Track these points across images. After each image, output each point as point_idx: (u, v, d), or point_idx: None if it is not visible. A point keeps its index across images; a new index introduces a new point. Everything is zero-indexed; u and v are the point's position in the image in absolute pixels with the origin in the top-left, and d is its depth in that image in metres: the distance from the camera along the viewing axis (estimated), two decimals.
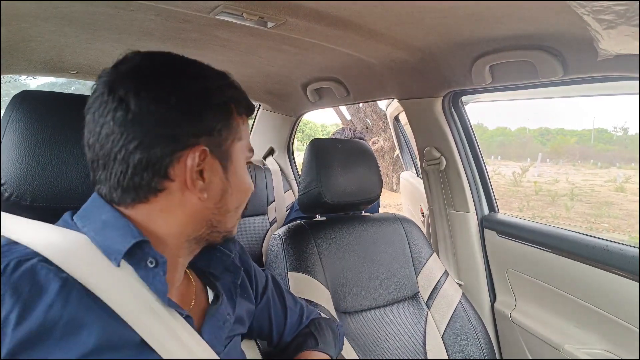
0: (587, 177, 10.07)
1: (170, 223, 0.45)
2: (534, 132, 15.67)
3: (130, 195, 0.43)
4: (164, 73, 0.44)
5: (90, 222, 0.44)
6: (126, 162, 0.42)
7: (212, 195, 0.46)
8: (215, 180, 0.46)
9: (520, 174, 9.58)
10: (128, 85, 0.42)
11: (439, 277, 1.06)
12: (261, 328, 0.67)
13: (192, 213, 0.46)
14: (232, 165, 0.48)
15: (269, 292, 0.68)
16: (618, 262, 0.86)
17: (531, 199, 7.93)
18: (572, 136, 14.52)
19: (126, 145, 0.42)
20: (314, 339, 0.68)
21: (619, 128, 13.71)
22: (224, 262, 0.57)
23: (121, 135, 0.42)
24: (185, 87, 0.44)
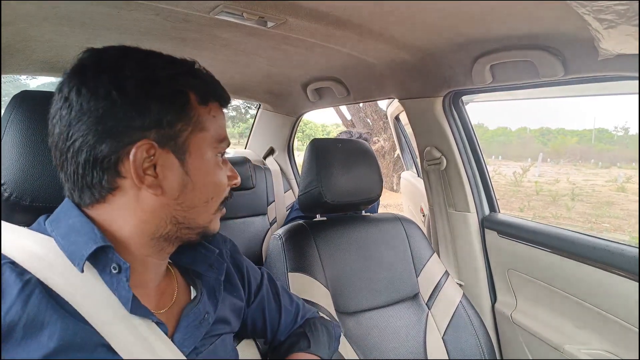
0: (588, 177, 10.06)
1: (130, 222, 0.44)
2: (534, 132, 15.66)
3: (87, 195, 0.43)
4: (106, 68, 0.42)
5: (58, 227, 0.44)
6: (76, 162, 0.42)
7: (169, 190, 0.44)
8: (171, 175, 0.44)
9: (521, 174, 9.57)
10: (71, 84, 0.42)
11: (440, 277, 1.06)
12: (255, 326, 0.66)
13: (151, 210, 0.44)
14: (192, 158, 0.45)
15: (264, 290, 0.67)
16: (619, 262, 0.85)
17: (532, 199, 7.92)
18: (573, 136, 14.51)
19: (73, 144, 0.41)
20: (307, 340, 0.67)
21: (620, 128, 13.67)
22: (208, 259, 0.55)
23: (67, 135, 0.41)
24: (127, 80, 0.42)
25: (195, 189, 0.46)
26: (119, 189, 0.43)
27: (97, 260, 0.42)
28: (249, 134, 2.34)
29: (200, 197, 0.47)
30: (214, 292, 0.55)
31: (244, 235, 1.78)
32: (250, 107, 13.40)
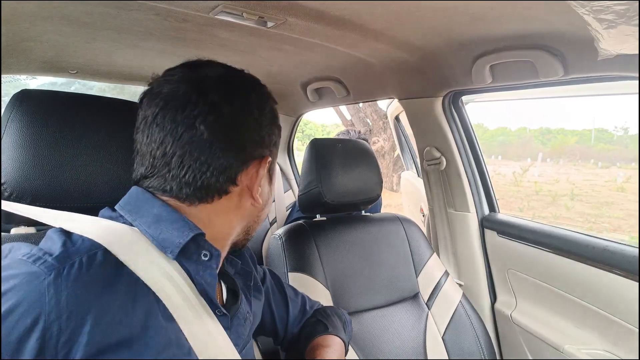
0: (588, 176, 10.06)
1: (226, 224, 0.48)
2: (534, 132, 15.67)
3: (201, 194, 0.45)
4: (248, 87, 0.49)
5: (141, 216, 0.44)
6: (208, 163, 0.44)
7: (262, 202, 0.51)
8: (265, 189, 0.51)
9: (521, 174, 9.58)
10: (220, 92, 0.44)
11: (439, 277, 1.06)
12: (264, 323, 0.67)
13: (243, 217, 0.50)
14: (273, 176, 0.53)
15: (267, 285, 0.68)
16: (618, 262, 0.86)
17: (531, 199, 7.93)
18: (573, 136, 14.51)
19: (212, 148, 0.43)
20: (323, 325, 0.68)
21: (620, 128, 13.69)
22: (234, 266, 0.57)
23: (209, 138, 0.43)
24: (264, 103, 0.49)
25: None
26: (228, 195, 0.46)
27: (184, 248, 0.43)
28: None
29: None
30: (247, 294, 0.57)
31: None
32: None
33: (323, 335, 0.66)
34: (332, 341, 0.65)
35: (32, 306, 0.33)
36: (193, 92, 0.43)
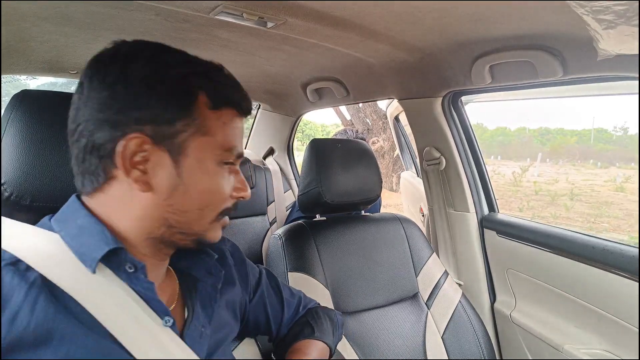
0: (587, 176, 10.07)
1: (127, 216, 0.44)
2: (533, 132, 15.68)
3: (87, 181, 0.44)
4: (120, 59, 0.43)
5: (67, 227, 0.44)
6: (78, 146, 0.43)
7: (158, 189, 0.43)
8: (162, 173, 0.43)
9: (520, 174, 9.59)
10: (87, 72, 0.43)
11: (439, 277, 1.06)
12: (258, 322, 0.66)
13: (144, 207, 0.44)
14: (188, 161, 0.43)
15: (263, 285, 0.67)
16: (618, 262, 0.86)
17: (531, 199, 7.93)
18: (572, 136, 14.53)
19: (77, 128, 0.43)
20: (310, 327, 0.67)
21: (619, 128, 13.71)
22: (206, 264, 0.54)
23: (74, 118, 0.43)
24: (134, 72, 0.42)
25: (187, 193, 0.44)
26: (114, 179, 0.43)
27: (109, 260, 0.42)
28: (248, 134, 2.34)
29: (193, 203, 0.44)
30: (210, 300, 0.53)
31: (244, 235, 1.78)
32: None
33: (307, 339, 0.65)
34: (314, 347, 0.64)
35: None
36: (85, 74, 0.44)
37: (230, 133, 0.46)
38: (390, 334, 0.95)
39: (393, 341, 0.94)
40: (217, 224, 0.48)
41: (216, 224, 0.48)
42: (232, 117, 0.47)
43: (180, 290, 0.52)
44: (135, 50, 0.44)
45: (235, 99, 0.47)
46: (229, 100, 0.46)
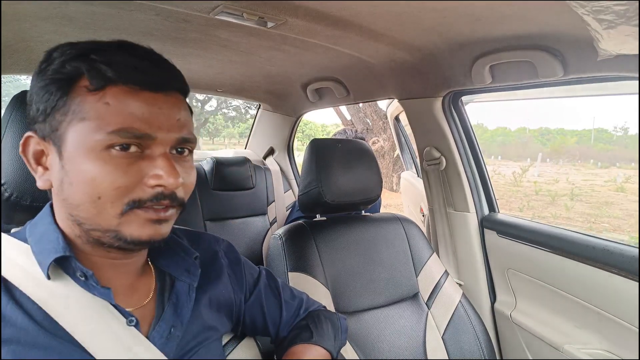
0: (587, 177, 10.07)
1: (57, 215, 0.45)
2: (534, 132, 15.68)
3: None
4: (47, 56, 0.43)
5: (34, 233, 0.45)
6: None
7: (55, 185, 0.42)
8: (54, 168, 0.42)
9: (520, 174, 9.59)
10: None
11: (439, 277, 1.06)
12: (254, 323, 0.64)
13: (57, 207, 0.44)
14: (68, 150, 0.40)
15: (261, 285, 0.65)
16: (618, 262, 0.86)
17: (531, 199, 7.94)
18: (572, 136, 14.53)
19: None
20: (309, 331, 0.64)
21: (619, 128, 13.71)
22: (186, 263, 0.53)
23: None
24: (33, 77, 0.43)
25: (72, 185, 0.40)
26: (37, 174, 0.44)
27: (64, 266, 0.43)
28: (249, 134, 2.35)
29: (81, 196, 0.40)
30: (185, 300, 0.51)
31: (244, 235, 1.78)
32: (250, 107, 13.41)
33: (304, 343, 0.62)
34: (310, 352, 0.61)
35: None
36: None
37: (118, 112, 0.40)
38: (390, 334, 0.95)
39: (393, 341, 0.94)
40: (133, 217, 0.41)
41: (130, 217, 0.41)
42: (124, 95, 0.40)
43: (156, 288, 0.51)
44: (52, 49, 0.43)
45: (126, 74, 0.40)
46: (117, 76, 0.40)
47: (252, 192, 1.85)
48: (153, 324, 0.48)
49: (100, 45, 0.42)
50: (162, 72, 0.43)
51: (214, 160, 1.76)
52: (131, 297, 0.47)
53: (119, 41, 0.43)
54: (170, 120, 0.42)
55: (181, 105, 0.45)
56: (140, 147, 0.41)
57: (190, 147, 0.46)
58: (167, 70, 0.44)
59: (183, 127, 0.44)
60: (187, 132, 0.45)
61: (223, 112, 15.42)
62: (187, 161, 0.46)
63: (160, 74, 0.43)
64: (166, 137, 0.42)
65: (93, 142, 0.39)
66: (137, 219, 0.42)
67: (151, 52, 0.43)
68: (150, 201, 0.41)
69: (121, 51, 0.41)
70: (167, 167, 0.41)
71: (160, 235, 0.44)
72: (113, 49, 0.42)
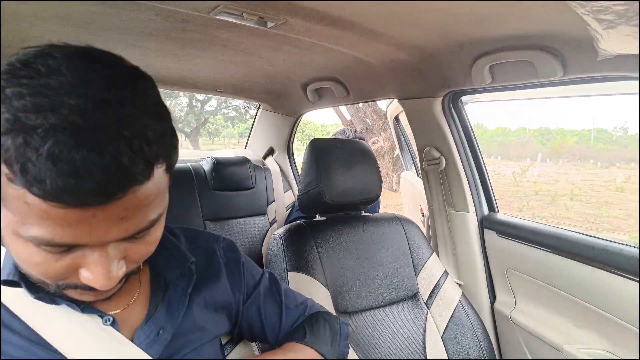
0: (587, 177, 10.07)
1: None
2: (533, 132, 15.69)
3: None
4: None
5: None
6: None
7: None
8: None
9: (520, 174, 9.59)
10: None
11: (439, 277, 1.06)
12: (252, 328, 0.62)
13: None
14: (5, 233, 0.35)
15: (260, 289, 0.63)
16: (618, 262, 0.86)
17: (531, 199, 7.94)
18: (572, 136, 14.54)
19: None
20: (303, 331, 0.62)
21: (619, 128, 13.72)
22: (182, 267, 0.52)
23: None
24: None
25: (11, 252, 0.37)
26: None
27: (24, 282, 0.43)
28: (248, 134, 2.35)
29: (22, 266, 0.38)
30: (178, 303, 0.50)
31: (244, 235, 1.78)
32: (250, 107, 13.40)
33: (295, 342, 0.60)
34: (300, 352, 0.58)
35: None
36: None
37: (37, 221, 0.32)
38: (390, 334, 0.95)
39: (393, 341, 0.94)
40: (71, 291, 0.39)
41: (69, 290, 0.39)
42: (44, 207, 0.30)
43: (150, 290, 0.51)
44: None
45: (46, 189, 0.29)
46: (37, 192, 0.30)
47: (252, 192, 1.85)
48: (141, 325, 0.48)
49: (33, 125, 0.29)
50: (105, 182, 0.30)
51: (213, 160, 1.76)
52: (110, 302, 0.46)
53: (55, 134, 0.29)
54: (109, 226, 0.33)
55: (136, 200, 0.34)
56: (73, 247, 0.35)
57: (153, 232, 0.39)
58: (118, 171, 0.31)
59: (132, 223, 0.35)
60: (138, 225, 0.36)
61: (223, 112, 15.42)
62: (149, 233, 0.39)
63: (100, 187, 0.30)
64: (103, 241, 0.34)
65: (17, 230, 0.33)
66: (76, 293, 0.40)
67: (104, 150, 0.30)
68: (85, 287, 0.38)
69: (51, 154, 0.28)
70: (100, 275, 0.35)
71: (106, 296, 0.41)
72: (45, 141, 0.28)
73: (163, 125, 0.35)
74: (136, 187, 0.33)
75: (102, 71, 0.33)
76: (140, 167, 0.32)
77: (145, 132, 0.32)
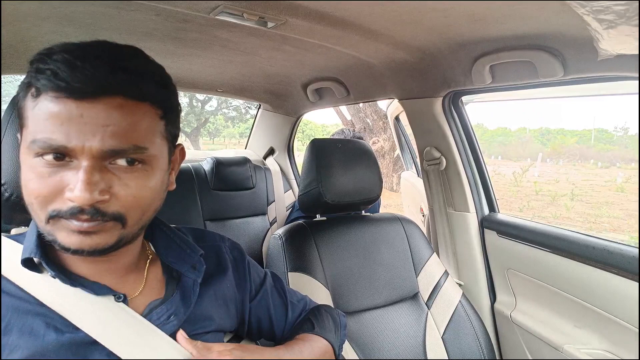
0: (588, 177, 10.06)
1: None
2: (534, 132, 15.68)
3: None
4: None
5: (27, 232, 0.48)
6: None
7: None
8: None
9: (521, 174, 9.59)
10: None
11: (439, 277, 1.06)
12: (260, 324, 0.65)
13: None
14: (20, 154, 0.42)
15: (267, 287, 0.66)
16: (618, 262, 0.86)
17: (531, 199, 7.93)
18: (573, 136, 14.53)
19: None
20: (310, 323, 0.65)
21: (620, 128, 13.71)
22: (192, 259, 0.55)
23: None
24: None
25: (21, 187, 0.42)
26: None
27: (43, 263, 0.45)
28: (249, 134, 2.35)
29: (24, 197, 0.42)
30: (190, 294, 0.53)
31: (244, 235, 1.78)
32: (250, 107, 13.40)
33: (307, 333, 0.63)
34: (314, 341, 0.62)
35: None
36: None
37: (41, 122, 0.39)
38: (390, 334, 0.95)
39: (393, 341, 0.94)
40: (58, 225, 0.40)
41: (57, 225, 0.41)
42: (48, 103, 0.39)
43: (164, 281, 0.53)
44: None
45: (52, 81, 0.38)
46: (43, 85, 0.38)
47: (252, 192, 1.85)
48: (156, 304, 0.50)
49: (52, 50, 0.40)
50: (94, 76, 0.38)
51: (214, 160, 1.76)
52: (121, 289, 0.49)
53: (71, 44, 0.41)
54: (94, 129, 0.38)
55: (120, 112, 0.39)
56: (68, 157, 0.39)
57: (138, 158, 0.41)
58: (105, 73, 0.38)
59: (114, 135, 0.39)
60: (120, 142, 0.39)
61: (223, 112, 15.42)
62: (134, 172, 0.41)
63: (89, 79, 0.38)
64: (86, 149, 0.38)
65: (27, 149, 0.40)
66: (62, 228, 0.41)
67: (95, 54, 0.40)
68: (67, 214, 0.39)
69: (59, 56, 0.39)
70: (80, 182, 0.38)
71: (90, 246, 0.41)
72: (56, 53, 0.39)
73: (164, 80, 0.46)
74: (121, 97, 0.39)
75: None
76: (128, 82, 0.40)
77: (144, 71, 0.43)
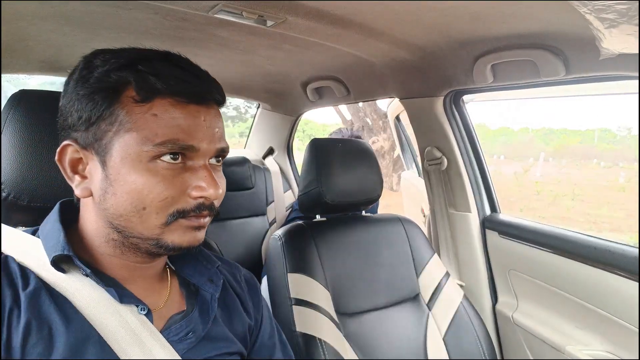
0: (591, 176, 10.04)
1: (87, 218, 0.46)
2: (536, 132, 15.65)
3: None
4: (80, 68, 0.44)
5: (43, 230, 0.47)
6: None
7: (95, 194, 0.43)
8: (96, 178, 0.43)
9: (522, 174, 9.57)
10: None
11: (440, 278, 1.06)
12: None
13: (93, 213, 0.45)
14: (113, 161, 0.41)
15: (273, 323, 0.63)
16: (620, 263, 0.85)
17: (533, 199, 7.92)
18: (575, 136, 14.48)
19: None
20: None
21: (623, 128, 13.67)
22: (208, 272, 0.54)
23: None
24: (70, 82, 0.43)
25: (117, 195, 0.41)
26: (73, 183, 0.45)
27: (70, 263, 0.44)
28: (248, 134, 2.34)
29: (125, 205, 0.41)
30: (208, 309, 0.51)
31: (244, 236, 1.78)
32: (250, 107, 13.41)
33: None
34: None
35: None
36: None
37: (165, 124, 0.41)
38: (391, 336, 0.95)
39: (394, 342, 0.94)
40: (176, 226, 0.43)
41: (173, 226, 0.43)
42: (171, 107, 0.41)
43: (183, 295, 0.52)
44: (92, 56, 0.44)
45: (172, 86, 0.41)
46: (165, 88, 0.41)
47: (252, 192, 1.84)
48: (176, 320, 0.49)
49: (144, 55, 0.43)
50: (205, 84, 0.44)
51: None
52: (147, 298, 0.47)
53: (163, 52, 0.45)
54: (212, 132, 0.44)
55: (219, 117, 0.47)
56: (184, 159, 0.43)
57: (225, 156, 0.48)
58: (209, 82, 0.45)
59: (221, 138, 0.46)
60: (225, 142, 0.47)
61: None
62: (220, 170, 0.48)
63: (204, 86, 0.44)
64: (207, 149, 0.44)
65: (140, 153, 0.41)
66: (180, 228, 0.43)
67: (193, 64, 0.45)
68: (192, 211, 0.43)
69: (167, 62, 0.43)
70: (208, 179, 0.43)
71: (198, 241, 0.45)
72: (158, 59, 0.43)
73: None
74: (217, 105, 0.46)
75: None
76: (220, 92, 0.46)
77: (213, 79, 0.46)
